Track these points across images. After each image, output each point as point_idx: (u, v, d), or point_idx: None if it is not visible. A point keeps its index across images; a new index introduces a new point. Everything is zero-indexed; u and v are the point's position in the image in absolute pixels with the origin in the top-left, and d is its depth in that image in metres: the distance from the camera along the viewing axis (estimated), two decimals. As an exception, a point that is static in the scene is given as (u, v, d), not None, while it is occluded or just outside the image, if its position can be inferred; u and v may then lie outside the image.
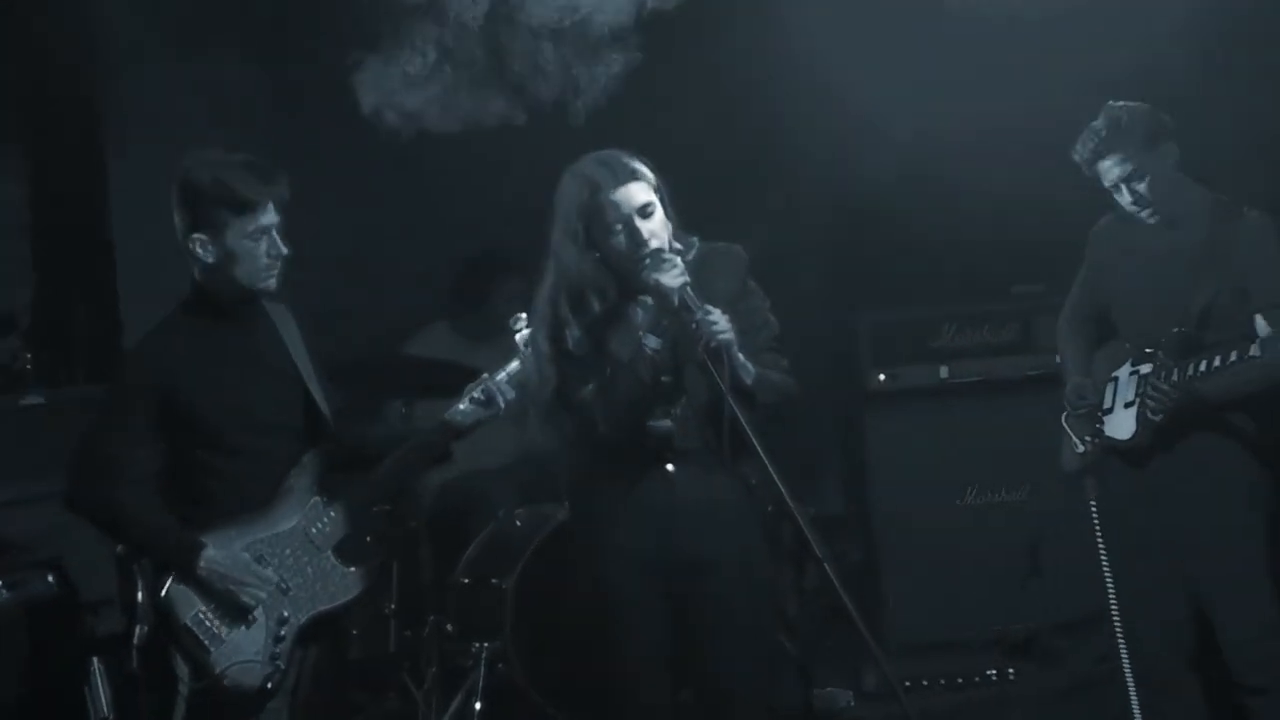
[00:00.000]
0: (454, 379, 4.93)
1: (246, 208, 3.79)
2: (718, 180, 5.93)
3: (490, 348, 5.83)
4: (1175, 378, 4.23)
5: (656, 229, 3.75)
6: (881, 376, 5.90)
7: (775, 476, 3.50)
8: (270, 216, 3.84)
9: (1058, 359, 4.69)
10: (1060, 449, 4.57)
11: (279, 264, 3.86)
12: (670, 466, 3.80)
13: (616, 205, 3.73)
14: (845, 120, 5.75)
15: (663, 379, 3.75)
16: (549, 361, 3.80)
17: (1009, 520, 5.74)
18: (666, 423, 3.78)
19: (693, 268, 3.75)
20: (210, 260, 3.83)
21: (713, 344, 3.61)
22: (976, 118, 5.55)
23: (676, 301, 3.67)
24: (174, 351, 3.86)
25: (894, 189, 6.01)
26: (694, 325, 3.64)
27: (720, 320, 3.65)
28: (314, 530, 3.96)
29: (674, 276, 3.68)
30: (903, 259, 6.23)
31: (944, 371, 5.91)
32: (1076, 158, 4.37)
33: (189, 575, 3.80)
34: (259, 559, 3.87)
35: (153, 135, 5.72)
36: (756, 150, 6.36)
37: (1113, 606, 4.40)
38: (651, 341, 3.71)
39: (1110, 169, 4.33)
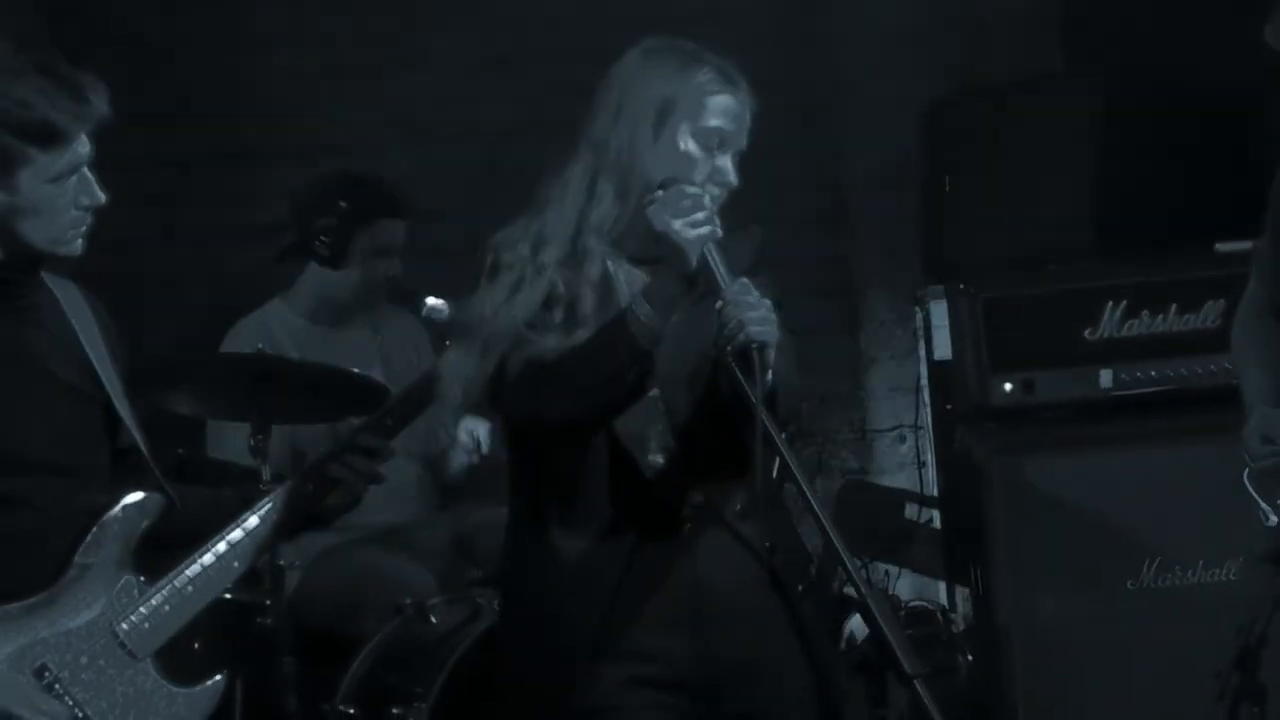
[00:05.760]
0: (330, 388, 4.94)
1: (53, 138, 3.83)
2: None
3: (355, 342, 5.86)
4: None
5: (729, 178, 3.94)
6: (1007, 386, 5.92)
7: (837, 542, 3.55)
8: (85, 149, 3.88)
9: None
10: (1251, 522, 4.65)
11: (89, 218, 3.91)
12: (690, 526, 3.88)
13: (720, 111, 3.91)
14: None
15: (646, 373, 3.80)
16: (520, 307, 3.82)
17: (1208, 613, 5.74)
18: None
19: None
20: None
21: (740, 338, 3.67)
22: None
23: (694, 263, 3.75)
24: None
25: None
26: (717, 306, 3.70)
27: (759, 306, 3.71)
28: (125, 627, 3.97)
29: (694, 226, 3.77)
30: (1028, 192, 6.26)
31: (1106, 378, 5.93)
32: (1269, 37, 4.46)
33: (-75, 701, 3.82)
34: (39, 673, 3.88)
35: None
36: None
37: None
38: (642, 310, 3.77)
39: None
